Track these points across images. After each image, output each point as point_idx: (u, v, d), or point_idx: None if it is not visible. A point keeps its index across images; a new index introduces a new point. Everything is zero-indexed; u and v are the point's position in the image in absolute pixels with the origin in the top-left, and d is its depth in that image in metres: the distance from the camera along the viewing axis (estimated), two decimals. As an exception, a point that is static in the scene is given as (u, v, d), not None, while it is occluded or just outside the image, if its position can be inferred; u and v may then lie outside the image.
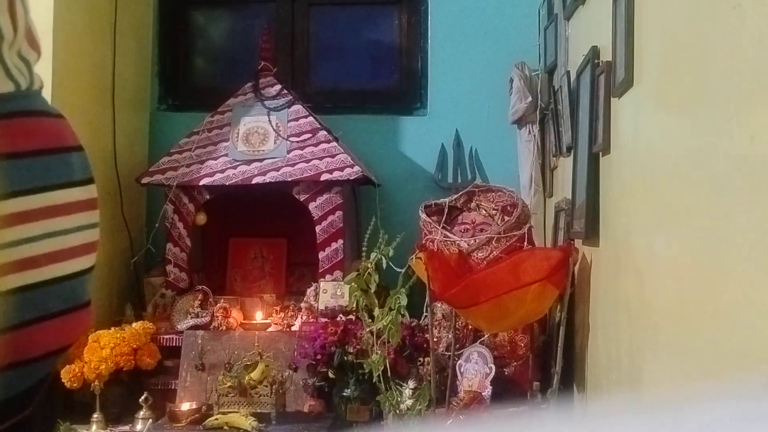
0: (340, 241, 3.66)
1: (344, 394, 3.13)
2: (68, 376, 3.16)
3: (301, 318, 3.52)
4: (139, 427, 3.14)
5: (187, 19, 4.50)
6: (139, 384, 3.32)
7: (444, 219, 3.40)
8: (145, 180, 3.80)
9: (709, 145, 1.35)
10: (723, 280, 1.28)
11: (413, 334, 3.16)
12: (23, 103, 0.83)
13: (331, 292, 3.55)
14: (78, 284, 0.83)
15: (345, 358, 3.11)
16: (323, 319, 3.37)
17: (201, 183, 3.70)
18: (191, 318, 3.54)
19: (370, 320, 2.82)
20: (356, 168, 3.67)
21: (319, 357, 3.15)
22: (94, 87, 3.76)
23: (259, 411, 3.13)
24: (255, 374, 3.17)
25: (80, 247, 0.83)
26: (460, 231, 3.36)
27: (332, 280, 3.59)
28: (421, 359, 3.11)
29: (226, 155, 3.76)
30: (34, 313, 0.78)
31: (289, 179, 3.66)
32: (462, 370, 3.03)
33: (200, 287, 3.68)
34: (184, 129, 3.94)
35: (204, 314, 3.55)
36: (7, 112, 0.80)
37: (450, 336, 3.10)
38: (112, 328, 3.34)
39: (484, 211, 3.44)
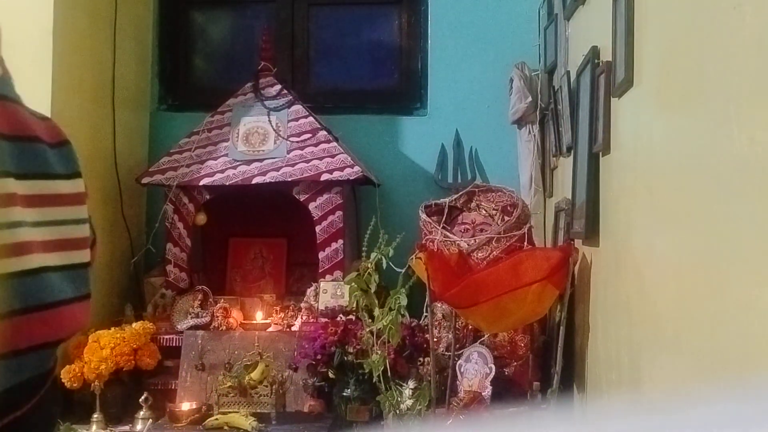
0: (340, 241, 3.66)
1: (344, 394, 3.13)
2: (68, 376, 3.16)
3: (301, 318, 3.52)
4: (139, 427, 3.13)
5: (187, 19, 4.50)
6: (139, 384, 3.32)
7: (444, 219, 3.40)
8: (145, 180, 3.80)
9: (709, 145, 1.35)
10: (723, 280, 1.28)
11: (413, 334, 3.16)
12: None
13: (331, 292, 3.55)
14: (50, 280, 0.81)
15: (345, 358, 3.10)
16: (323, 319, 3.37)
17: (201, 183, 3.70)
18: (191, 318, 3.54)
19: (370, 320, 2.82)
20: (356, 168, 3.67)
21: (319, 357, 3.15)
22: (94, 87, 3.76)
23: (259, 411, 3.14)
24: (255, 374, 3.17)
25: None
26: (460, 231, 3.36)
27: (332, 280, 3.59)
28: (421, 359, 3.11)
29: (226, 155, 3.76)
30: (19, 304, 0.77)
31: (289, 179, 3.66)
32: (462, 370, 3.03)
33: (200, 287, 3.68)
34: (184, 129, 3.94)
35: (204, 314, 3.55)
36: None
37: (450, 336, 3.09)
38: (112, 328, 3.34)
39: (484, 211, 3.44)
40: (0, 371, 0.77)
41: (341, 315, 3.38)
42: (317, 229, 3.67)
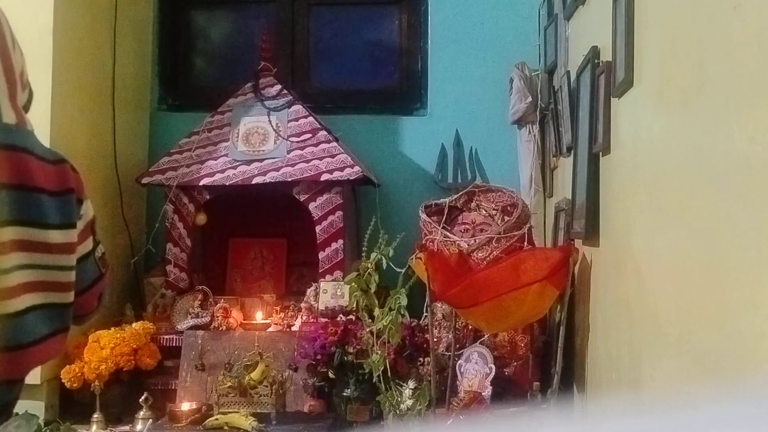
0: (340, 241, 3.66)
1: (344, 394, 3.13)
2: (68, 376, 3.17)
3: (301, 318, 3.52)
4: (139, 427, 3.13)
5: (187, 19, 4.50)
6: (139, 384, 3.32)
7: (444, 219, 3.39)
8: (145, 180, 3.80)
9: (709, 145, 1.35)
10: (723, 280, 1.28)
11: (413, 334, 3.16)
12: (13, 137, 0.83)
13: (331, 292, 3.55)
14: (25, 321, 0.81)
15: (345, 358, 3.10)
16: (323, 319, 3.37)
17: (201, 183, 3.70)
18: (191, 318, 3.54)
19: (370, 320, 2.82)
20: (356, 168, 3.67)
21: (319, 357, 3.15)
22: (94, 87, 3.76)
23: (259, 411, 3.14)
24: (255, 374, 3.17)
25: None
26: (460, 231, 3.36)
27: (332, 280, 3.59)
28: (421, 359, 3.11)
29: (226, 155, 3.76)
30: None
31: (289, 179, 3.66)
32: (462, 370, 3.03)
33: (200, 287, 3.68)
34: (184, 129, 3.94)
35: (204, 314, 3.55)
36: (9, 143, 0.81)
37: (450, 336, 3.09)
38: (112, 328, 3.35)
39: (484, 211, 3.44)
40: None
41: (341, 315, 3.38)
42: (317, 229, 3.67)
